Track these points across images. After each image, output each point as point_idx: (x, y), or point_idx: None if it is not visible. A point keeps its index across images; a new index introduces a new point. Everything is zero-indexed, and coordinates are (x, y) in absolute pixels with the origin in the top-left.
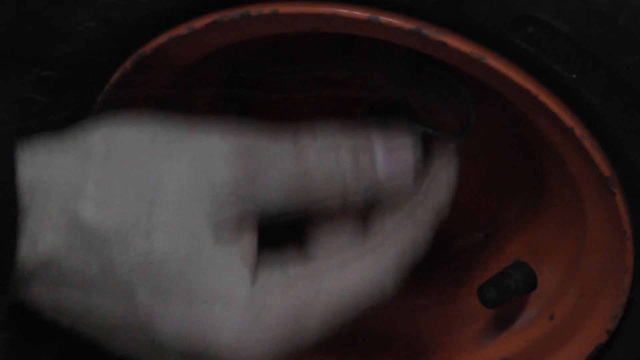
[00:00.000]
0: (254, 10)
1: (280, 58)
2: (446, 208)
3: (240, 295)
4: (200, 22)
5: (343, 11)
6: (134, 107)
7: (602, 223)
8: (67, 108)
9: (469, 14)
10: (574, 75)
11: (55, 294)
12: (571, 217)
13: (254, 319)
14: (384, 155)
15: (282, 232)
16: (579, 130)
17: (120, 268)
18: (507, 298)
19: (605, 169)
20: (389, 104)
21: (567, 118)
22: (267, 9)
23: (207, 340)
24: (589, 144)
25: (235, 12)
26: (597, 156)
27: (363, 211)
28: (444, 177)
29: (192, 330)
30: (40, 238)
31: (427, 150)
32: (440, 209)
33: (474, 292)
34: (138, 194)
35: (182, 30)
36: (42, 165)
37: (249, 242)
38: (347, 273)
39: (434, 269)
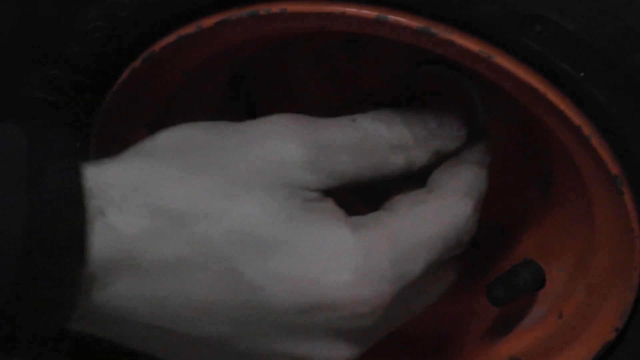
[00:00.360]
0: (262, 9)
1: (286, 57)
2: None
3: (345, 244)
4: (208, 21)
5: (351, 10)
6: (142, 105)
7: (610, 221)
8: (76, 107)
9: (477, 13)
10: (582, 74)
11: (142, 285)
12: (580, 215)
13: (364, 260)
14: (437, 123)
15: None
16: (586, 129)
17: (216, 243)
18: (516, 296)
19: (613, 167)
20: (395, 103)
21: (574, 116)
22: (275, 8)
23: (322, 290)
24: (596, 142)
25: (243, 11)
26: (605, 154)
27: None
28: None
29: (306, 284)
30: (123, 230)
31: None
32: (489, 150)
33: (483, 290)
34: (219, 176)
35: (190, 29)
36: (111, 171)
37: (333, 203)
38: (431, 218)
39: None
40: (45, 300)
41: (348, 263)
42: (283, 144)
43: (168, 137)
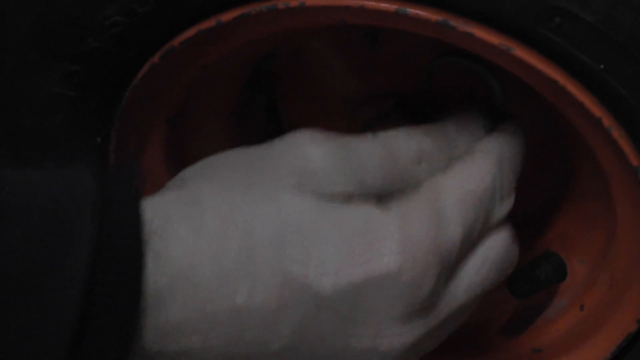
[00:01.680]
0: (281, 3)
1: (307, 52)
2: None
3: (382, 221)
4: (228, 15)
5: (370, 3)
6: (162, 100)
7: (631, 213)
8: (95, 102)
9: (497, 5)
10: (602, 66)
11: (197, 301)
12: (601, 207)
13: (403, 230)
14: (455, 127)
15: None
16: (607, 121)
17: (260, 246)
18: (537, 288)
19: (634, 159)
20: (415, 97)
21: (595, 108)
22: (294, 2)
23: (371, 261)
24: (617, 134)
25: (263, 5)
26: (626, 146)
27: None
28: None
29: (353, 260)
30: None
31: None
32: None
33: (504, 282)
34: (254, 185)
35: (210, 23)
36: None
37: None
38: (465, 180)
39: None
40: (112, 320)
41: (390, 235)
42: (311, 152)
43: (197, 169)
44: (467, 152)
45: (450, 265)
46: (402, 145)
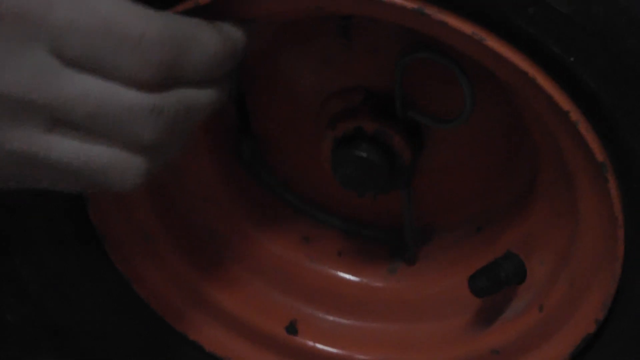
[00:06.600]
0: None
1: (278, 45)
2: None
3: None
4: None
5: None
6: None
7: (594, 211)
8: None
9: None
10: (572, 58)
11: None
12: (564, 207)
13: None
14: None
15: None
16: (574, 115)
17: None
18: (497, 288)
19: (600, 155)
20: (385, 92)
21: (563, 102)
22: None
23: None
24: (584, 128)
25: None
26: (592, 141)
27: None
28: None
29: None
30: None
31: (420, 136)
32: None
33: (465, 283)
34: None
35: (189, 5)
36: None
37: None
38: None
39: (424, 262)
40: None
41: None
42: None
43: None
44: None
45: None
46: None
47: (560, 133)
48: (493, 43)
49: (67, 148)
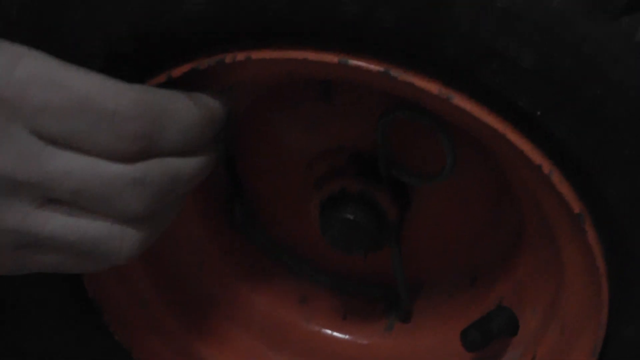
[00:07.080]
0: (228, 57)
1: (265, 108)
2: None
3: None
4: (178, 71)
5: (313, 55)
6: None
7: (577, 259)
8: None
9: (435, 55)
10: (539, 112)
11: None
12: (549, 255)
13: None
14: None
15: None
16: (547, 167)
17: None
18: (490, 341)
19: (576, 206)
20: (369, 151)
21: (535, 155)
22: (240, 56)
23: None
24: (557, 180)
25: (210, 60)
26: (567, 193)
27: None
28: None
29: None
30: None
31: (406, 192)
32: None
33: (457, 336)
34: None
35: (161, 79)
36: None
37: None
38: None
39: (420, 318)
40: None
41: None
42: None
43: None
44: None
45: None
46: None
47: (536, 186)
48: (461, 101)
49: (59, 223)
